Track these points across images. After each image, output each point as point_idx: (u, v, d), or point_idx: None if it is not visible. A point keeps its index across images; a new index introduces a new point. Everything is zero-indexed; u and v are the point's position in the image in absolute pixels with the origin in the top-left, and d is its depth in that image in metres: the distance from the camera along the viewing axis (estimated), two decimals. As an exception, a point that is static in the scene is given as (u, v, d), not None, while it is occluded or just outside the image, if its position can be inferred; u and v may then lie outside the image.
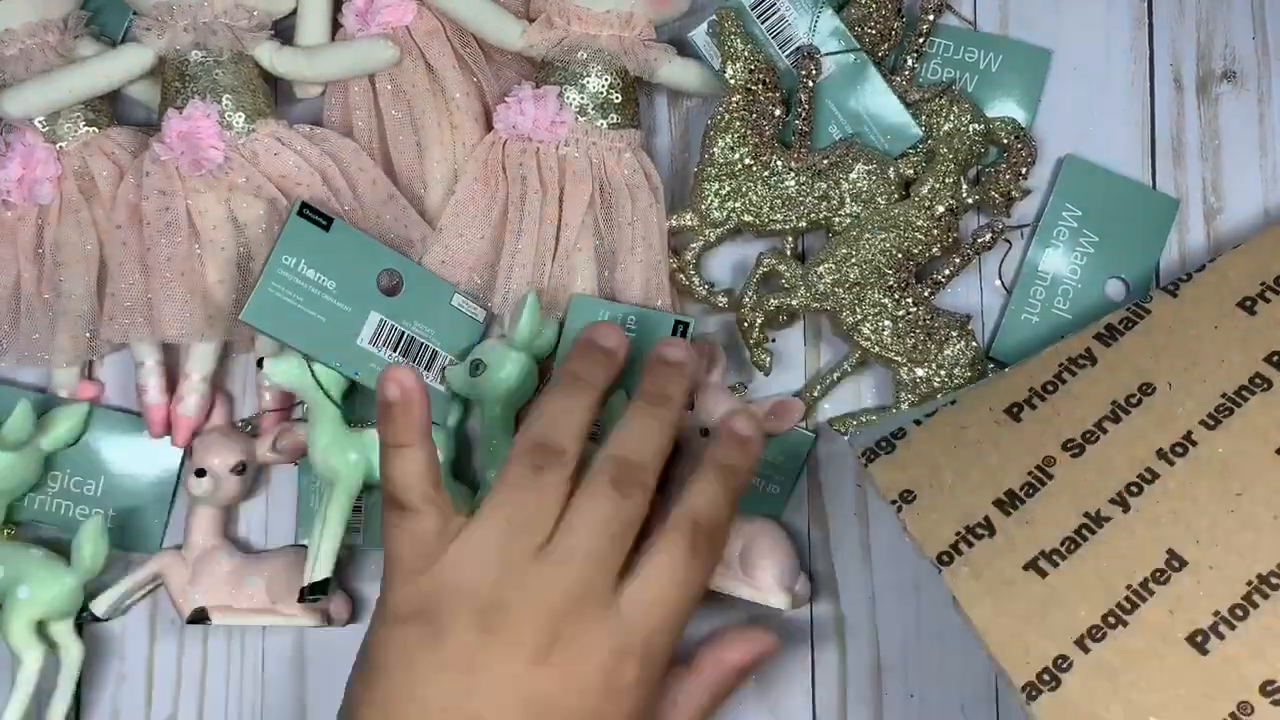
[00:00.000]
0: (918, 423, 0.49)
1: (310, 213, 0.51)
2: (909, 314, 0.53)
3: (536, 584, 0.43)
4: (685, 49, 0.56)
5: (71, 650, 0.52)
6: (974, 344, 0.54)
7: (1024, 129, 0.55)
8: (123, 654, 0.55)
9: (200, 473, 0.52)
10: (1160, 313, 0.50)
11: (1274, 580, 0.44)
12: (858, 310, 0.53)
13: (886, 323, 0.53)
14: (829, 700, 0.53)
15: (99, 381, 0.56)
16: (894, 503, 0.47)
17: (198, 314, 0.53)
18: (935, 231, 0.53)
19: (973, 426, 0.49)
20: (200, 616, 0.52)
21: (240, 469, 0.52)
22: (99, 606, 0.52)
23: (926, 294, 0.54)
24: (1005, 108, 0.56)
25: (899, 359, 0.53)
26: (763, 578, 0.50)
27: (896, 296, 0.53)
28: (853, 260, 0.53)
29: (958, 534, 0.46)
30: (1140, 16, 0.58)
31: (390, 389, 0.45)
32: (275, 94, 0.57)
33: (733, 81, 0.53)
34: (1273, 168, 0.56)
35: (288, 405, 0.55)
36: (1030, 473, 0.47)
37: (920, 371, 0.53)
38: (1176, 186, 0.56)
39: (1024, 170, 0.55)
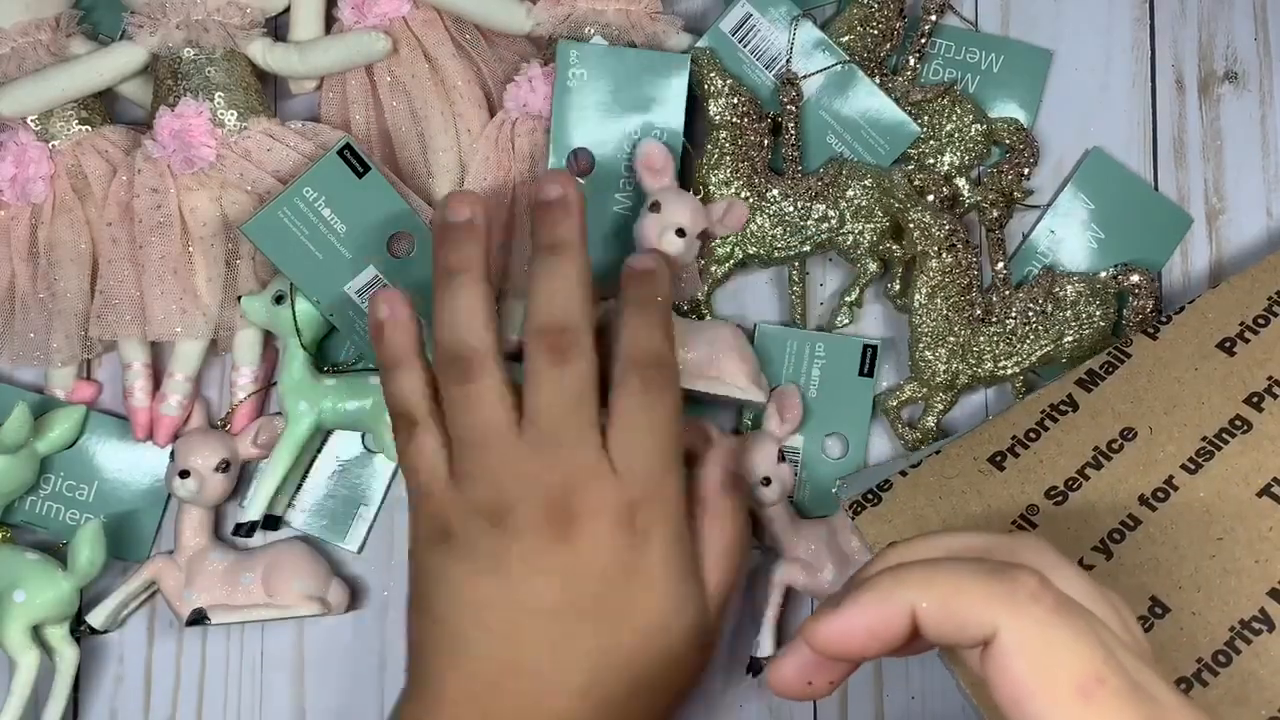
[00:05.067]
0: (903, 474, 0.48)
1: (350, 155, 0.51)
2: (1016, 316, 0.53)
3: (530, 474, 0.45)
4: (692, 22, 0.56)
5: (66, 655, 0.52)
6: (1074, 278, 0.54)
7: (1026, 129, 0.55)
8: (121, 656, 0.54)
9: (184, 474, 0.52)
10: (1140, 356, 0.50)
11: (1256, 626, 0.44)
12: (984, 360, 0.53)
13: (1016, 344, 0.53)
14: (830, 701, 0.53)
15: (96, 382, 0.56)
16: None
17: (188, 312, 0.52)
18: (961, 254, 0.53)
19: (957, 476, 0.48)
20: (199, 618, 0.52)
21: (224, 467, 0.52)
22: (96, 618, 0.52)
23: (1007, 291, 0.54)
24: (1006, 108, 0.56)
25: (1054, 349, 0.53)
26: (736, 375, 0.51)
27: (995, 317, 0.53)
28: (937, 335, 0.53)
29: None
30: (1141, 17, 0.58)
31: (380, 309, 0.47)
32: (275, 91, 0.57)
33: (717, 119, 0.53)
34: (1275, 168, 0.56)
35: (262, 387, 0.55)
36: (1014, 522, 0.47)
37: (1069, 339, 0.53)
38: (1178, 187, 0.56)
39: (1026, 170, 0.55)
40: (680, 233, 0.50)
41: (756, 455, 0.51)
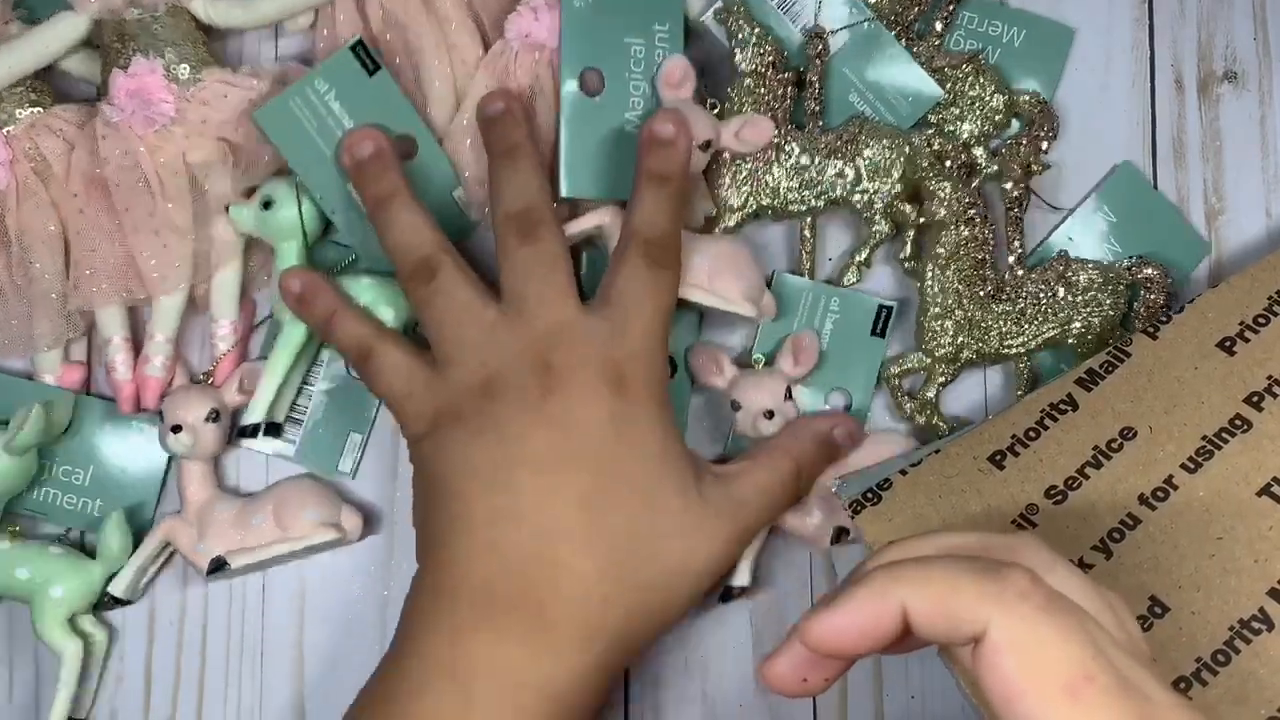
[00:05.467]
0: (903, 473, 0.49)
1: (362, 52, 0.52)
2: (1026, 297, 0.54)
3: (510, 341, 0.47)
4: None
5: (98, 638, 0.53)
6: (1088, 263, 0.54)
7: (1046, 102, 0.55)
8: (121, 655, 0.54)
9: (176, 429, 0.52)
10: (1140, 355, 0.50)
11: (1255, 625, 0.44)
12: (990, 337, 0.53)
13: (1024, 324, 0.54)
14: (830, 701, 0.53)
15: (82, 363, 0.55)
16: None
17: (176, 266, 0.53)
18: (979, 228, 0.53)
19: (957, 475, 0.48)
20: (218, 565, 0.52)
21: (213, 416, 0.53)
22: (118, 588, 0.53)
23: (1019, 271, 0.54)
24: (1026, 84, 0.56)
25: (1059, 333, 0.53)
26: (729, 290, 0.51)
27: (1005, 296, 0.54)
28: (946, 309, 0.53)
29: None
30: (1141, 17, 0.58)
31: (292, 284, 0.50)
32: (275, 31, 0.57)
33: (742, 67, 0.53)
34: (1274, 169, 0.57)
35: (243, 340, 0.55)
36: (1014, 521, 0.47)
37: (1077, 325, 0.54)
38: (1178, 187, 0.57)
39: (1044, 144, 0.55)
40: None
41: (764, 388, 0.52)
